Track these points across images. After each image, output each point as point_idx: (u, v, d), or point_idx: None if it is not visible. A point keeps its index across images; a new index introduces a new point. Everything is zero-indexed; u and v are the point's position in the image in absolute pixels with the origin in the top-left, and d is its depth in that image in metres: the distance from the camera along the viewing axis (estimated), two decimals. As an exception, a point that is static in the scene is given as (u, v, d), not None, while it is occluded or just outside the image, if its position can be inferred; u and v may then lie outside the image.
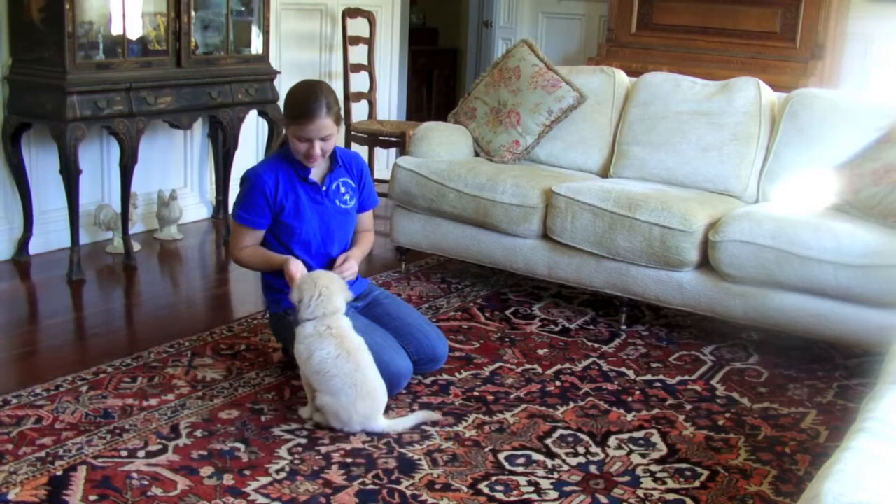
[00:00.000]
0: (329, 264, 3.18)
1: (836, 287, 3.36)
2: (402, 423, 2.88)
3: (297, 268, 3.00)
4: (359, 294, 3.27)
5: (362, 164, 3.33)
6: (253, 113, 5.04)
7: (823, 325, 3.44)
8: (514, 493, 2.56)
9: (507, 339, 3.68)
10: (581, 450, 2.81)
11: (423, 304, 4.03)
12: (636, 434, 2.94)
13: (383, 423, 2.84)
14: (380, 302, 3.27)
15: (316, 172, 3.17)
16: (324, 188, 3.17)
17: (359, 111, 5.82)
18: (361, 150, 5.58)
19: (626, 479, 2.66)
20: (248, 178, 3.13)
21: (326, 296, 2.84)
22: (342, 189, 3.22)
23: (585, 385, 3.29)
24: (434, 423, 2.92)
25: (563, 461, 2.74)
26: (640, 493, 2.59)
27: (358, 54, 5.75)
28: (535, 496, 2.54)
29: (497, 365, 3.42)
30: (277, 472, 2.59)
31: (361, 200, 3.32)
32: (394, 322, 3.20)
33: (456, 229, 4.18)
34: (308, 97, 3.01)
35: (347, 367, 2.78)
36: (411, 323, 3.22)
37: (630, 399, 3.20)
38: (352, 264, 3.15)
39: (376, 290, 3.37)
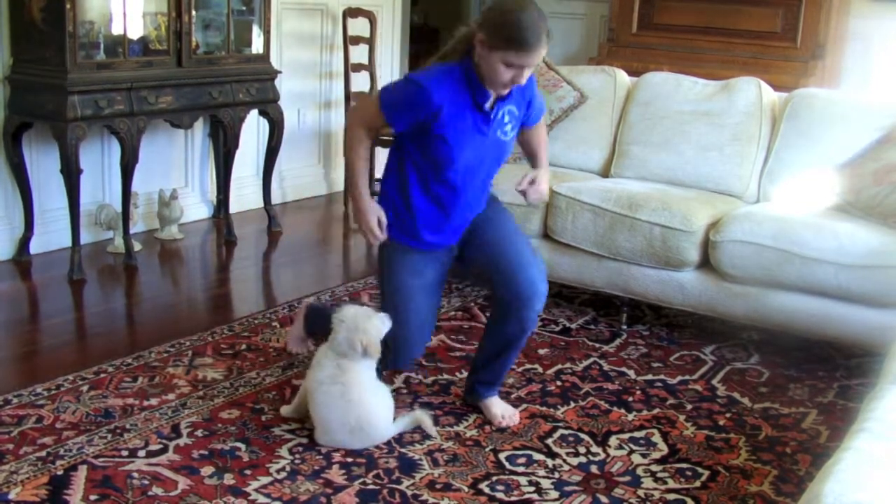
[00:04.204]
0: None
1: (837, 287, 3.36)
2: (394, 427, 2.83)
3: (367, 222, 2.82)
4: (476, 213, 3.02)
5: (533, 88, 2.99)
6: (254, 112, 5.04)
7: (824, 325, 3.44)
8: (515, 492, 2.56)
9: (507, 339, 3.68)
10: (582, 449, 2.82)
11: (423, 304, 4.02)
12: (637, 434, 2.94)
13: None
14: (477, 226, 2.98)
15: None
16: (491, 116, 2.84)
17: (359, 111, 5.81)
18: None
19: (627, 478, 2.67)
20: (418, 88, 2.76)
21: (365, 343, 2.72)
22: (506, 119, 2.88)
23: (586, 385, 3.29)
24: (426, 433, 2.86)
25: (564, 461, 2.74)
26: (641, 492, 2.59)
27: (359, 54, 5.75)
28: (535, 496, 2.55)
29: (498, 365, 3.42)
30: (278, 471, 2.60)
31: (529, 116, 3.00)
32: (491, 254, 2.94)
33: (457, 229, 4.17)
34: (532, 24, 2.65)
35: (340, 402, 2.69)
36: (510, 258, 2.92)
37: (631, 399, 3.20)
38: (544, 189, 2.97)
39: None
